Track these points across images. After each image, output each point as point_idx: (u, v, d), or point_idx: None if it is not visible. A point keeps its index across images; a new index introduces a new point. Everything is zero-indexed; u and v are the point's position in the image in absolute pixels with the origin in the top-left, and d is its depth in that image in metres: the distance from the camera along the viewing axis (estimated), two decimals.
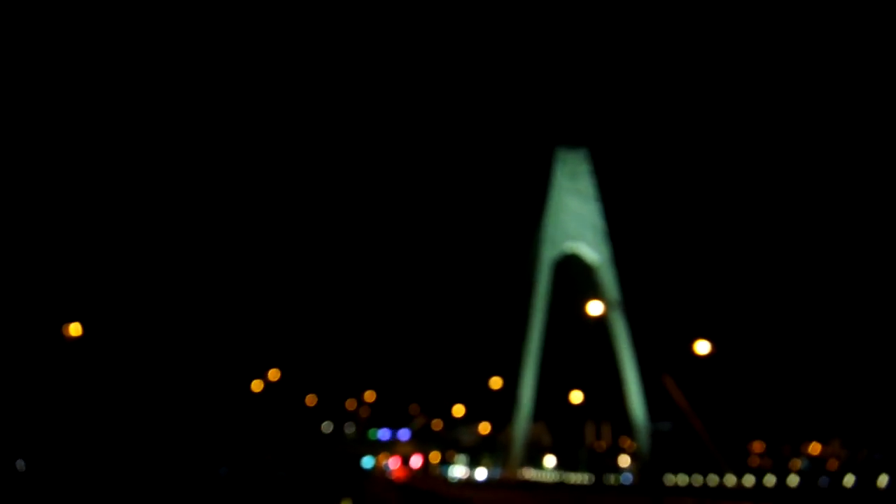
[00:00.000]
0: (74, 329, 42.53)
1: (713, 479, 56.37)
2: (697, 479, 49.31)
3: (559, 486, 59.93)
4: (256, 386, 79.47)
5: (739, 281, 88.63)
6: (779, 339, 79.52)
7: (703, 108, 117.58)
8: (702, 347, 40.03)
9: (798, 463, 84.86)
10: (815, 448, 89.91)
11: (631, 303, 71.56)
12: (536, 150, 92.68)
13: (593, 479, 75.08)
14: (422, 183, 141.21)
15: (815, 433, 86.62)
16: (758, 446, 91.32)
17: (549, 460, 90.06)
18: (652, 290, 73.68)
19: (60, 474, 50.86)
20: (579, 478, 73.07)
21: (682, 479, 51.76)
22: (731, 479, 43.70)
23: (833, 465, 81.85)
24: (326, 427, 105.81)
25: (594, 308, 37.50)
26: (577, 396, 70.89)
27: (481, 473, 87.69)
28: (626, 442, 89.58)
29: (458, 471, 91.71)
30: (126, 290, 74.41)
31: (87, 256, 70.42)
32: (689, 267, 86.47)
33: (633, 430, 75.35)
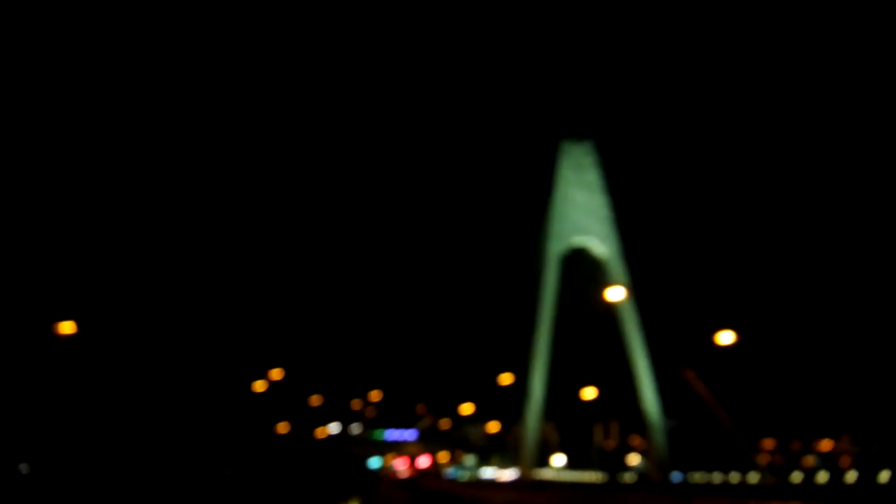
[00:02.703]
0: (67, 327, 41.31)
1: (734, 477, 54.67)
2: (734, 477, 47.69)
3: (578, 486, 58.31)
4: (259, 386, 78.15)
5: (749, 275, 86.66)
6: (787, 335, 77.81)
7: (711, 95, 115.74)
8: (725, 338, 38.63)
9: (810, 460, 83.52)
10: (826, 445, 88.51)
11: (642, 296, 69.73)
12: (540, 144, 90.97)
13: (607, 477, 73.56)
14: (426, 179, 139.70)
15: (824, 429, 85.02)
16: (769, 443, 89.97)
17: (558, 459, 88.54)
18: (663, 283, 71.88)
19: (65, 477, 49.96)
20: (593, 477, 71.57)
21: (706, 478, 50.20)
22: (770, 478, 42.07)
23: (845, 461, 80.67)
24: (333, 428, 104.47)
25: (615, 294, 35.93)
26: (589, 393, 69.29)
27: (511, 474, 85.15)
28: (636, 440, 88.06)
29: (488, 472, 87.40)
30: (126, 288, 73.12)
31: (85, 253, 69.14)
32: (701, 259, 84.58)
33: (647, 427, 73.56)
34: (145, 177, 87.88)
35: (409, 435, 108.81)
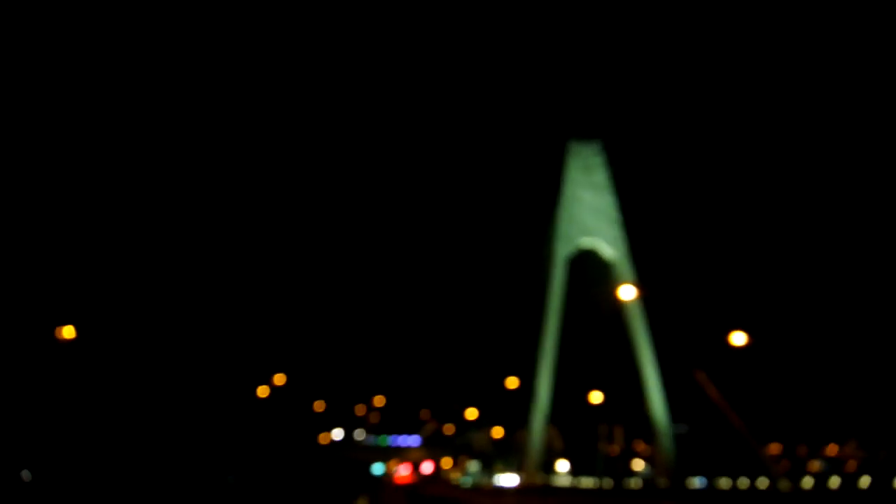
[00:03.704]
0: (68, 332, 40.64)
1: (743, 483, 53.62)
2: (742, 483, 46.77)
3: (590, 493, 57.45)
4: (262, 392, 77.32)
5: (756, 277, 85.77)
6: (793, 338, 76.88)
7: (721, 95, 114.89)
8: (738, 339, 37.76)
9: (816, 465, 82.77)
10: (832, 449, 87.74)
11: (650, 299, 68.83)
12: (548, 144, 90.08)
13: (611, 483, 72.57)
14: (431, 179, 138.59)
15: (830, 434, 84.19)
16: (774, 448, 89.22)
17: (562, 465, 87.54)
18: (671, 286, 70.98)
19: (66, 484, 49.33)
20: (596, 483, 70.63)
21: (724, 483, 49.24)
22: (786, 484, 41.24)
23: (851, 466, 79.94)
24: (337, 434, 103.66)
25: (626, 292, 35.12)
26: (596, 397, 68.36)
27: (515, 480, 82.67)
28: (641, 445, 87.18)
29: (506, 479, 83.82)
30: (127, 293, 72.40)
31: (86, 257, 68.43)
32: (709, 261, 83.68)
33: (654, 432, 72.62)
34: (148, 181, 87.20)
35: (412, 440, 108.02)
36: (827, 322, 77.27)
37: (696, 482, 67.05)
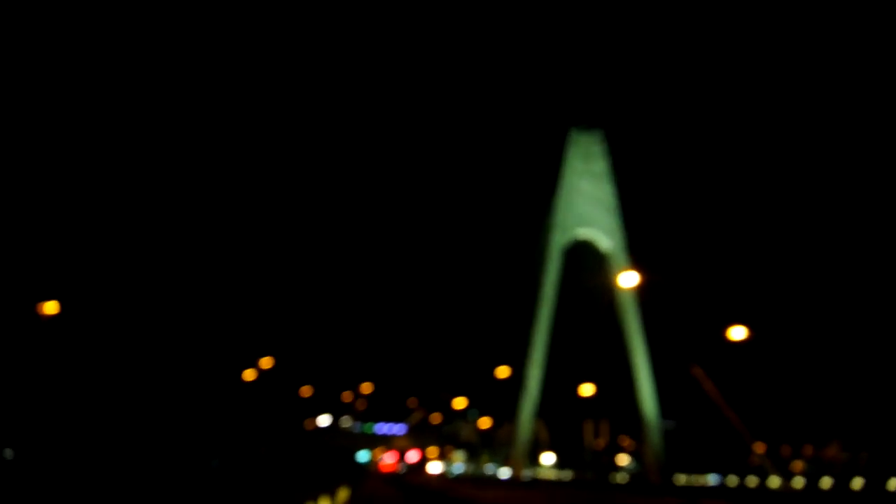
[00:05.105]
0: (50, 307, 39.57)
1: (732, 481, 52.95)
2: (731, 480, 46.09)
3: (574, 484, 56.72)
4: (249, 375, 76.28)
5: (755, 271, 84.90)
6: (783, 337, 76.28)
7: (722, 86, 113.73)
8: (737, 333, 37.16)
9: (800, 465, 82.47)
10: (808, 450, 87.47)
11: (646, 291, 67.94)
12: (549, 132, 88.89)
13: (595, 477, 72.05)
14: (428, 166, 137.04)
15: (812, 435, 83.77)
16: (759, 447, 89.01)
17: (548, 458, 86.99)
18: (669, 279, 70.09)
19: (48, 464, 48.47)
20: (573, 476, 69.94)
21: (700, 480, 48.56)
22: (774, 482, 40.57)
23: (836, 467, 79.60)
24: (323, 420, 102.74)
25: (627, 279, 34.21)
26: (587, 389, 67.68)
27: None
28: (626, 440, 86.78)
29: (505, 472, 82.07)
30: (113, 274, 71.13)
31: (72, 237, 67.16)
32: (708, 254, 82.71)
33: (643, 427, 71.98)
34: (135, 167, 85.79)
35: (398, 429, 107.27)
36: (814, 320, 76.64)
37: (710, 479, 66.05)
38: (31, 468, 46.42)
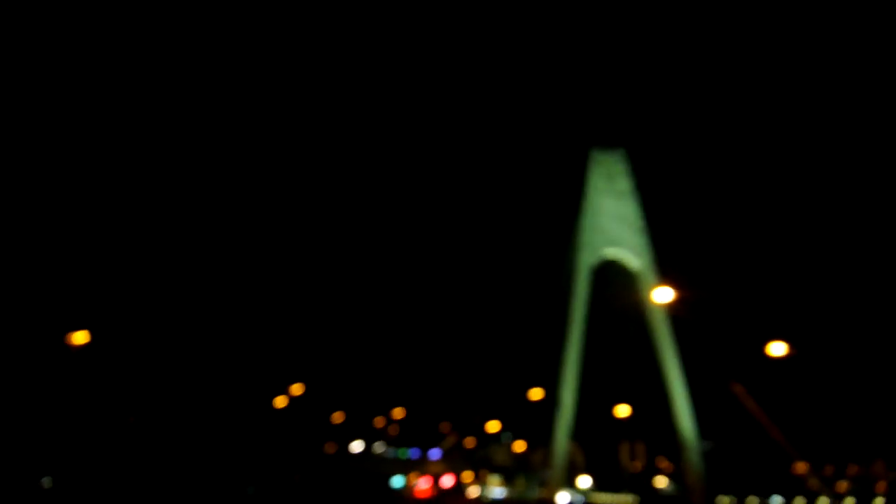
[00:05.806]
0: (80, 337, 39.83)
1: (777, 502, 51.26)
2: (775, 502, 44.59)
3: None
4: (280, 402, 76.25)
5: (793, 285, 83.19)
6: (824, 353, 74.36)
7: (747, 104, 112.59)
8: (777, 349, 35.97)
9: (844, 485, 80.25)
10: (852, 469, 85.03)
11: (678, 309, 66.81)
12: (571, 152, 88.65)
13: (638, 500, 70.57)
14: (453, 188, 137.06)
15: (855, 454, 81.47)
16: (801, 467, 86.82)
17: (584, 481, 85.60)
18: (703, 295, 68.84)
19: (85, 493, 48.79)
20: (625, 500, 68.67)
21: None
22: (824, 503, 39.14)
23: (881, 487, 77.45)
24: (356, 446, 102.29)
25: (662, 295, 33.39)
26: (623, 411, 66.51)
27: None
28: (663, 462, 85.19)
29: (563, 497, 77.62)
30: (143, 301, 71.69)
31: (101, 264, 67.82)
32: (741, 269, 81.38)
33: (682, 448, 70.48)
34: (165, 189, 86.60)
35: (432, 453, 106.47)
36: (854, 336, 74.69)
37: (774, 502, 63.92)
38: (69, 497, 46.72)
